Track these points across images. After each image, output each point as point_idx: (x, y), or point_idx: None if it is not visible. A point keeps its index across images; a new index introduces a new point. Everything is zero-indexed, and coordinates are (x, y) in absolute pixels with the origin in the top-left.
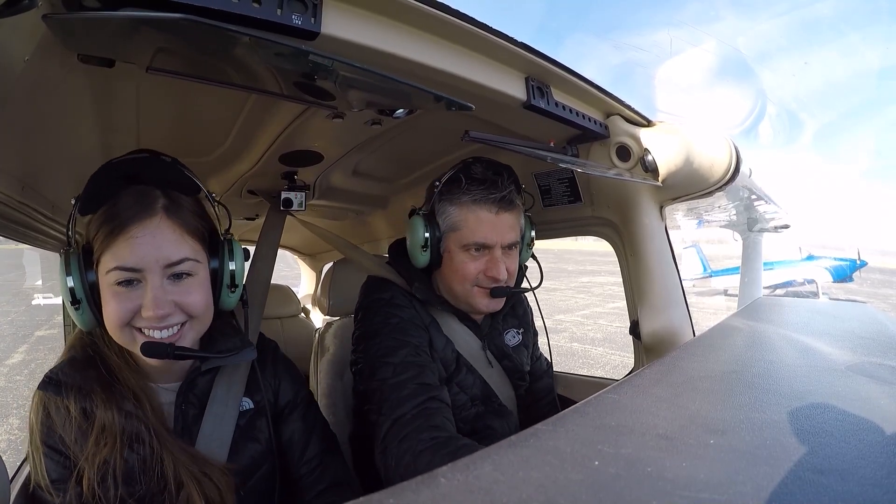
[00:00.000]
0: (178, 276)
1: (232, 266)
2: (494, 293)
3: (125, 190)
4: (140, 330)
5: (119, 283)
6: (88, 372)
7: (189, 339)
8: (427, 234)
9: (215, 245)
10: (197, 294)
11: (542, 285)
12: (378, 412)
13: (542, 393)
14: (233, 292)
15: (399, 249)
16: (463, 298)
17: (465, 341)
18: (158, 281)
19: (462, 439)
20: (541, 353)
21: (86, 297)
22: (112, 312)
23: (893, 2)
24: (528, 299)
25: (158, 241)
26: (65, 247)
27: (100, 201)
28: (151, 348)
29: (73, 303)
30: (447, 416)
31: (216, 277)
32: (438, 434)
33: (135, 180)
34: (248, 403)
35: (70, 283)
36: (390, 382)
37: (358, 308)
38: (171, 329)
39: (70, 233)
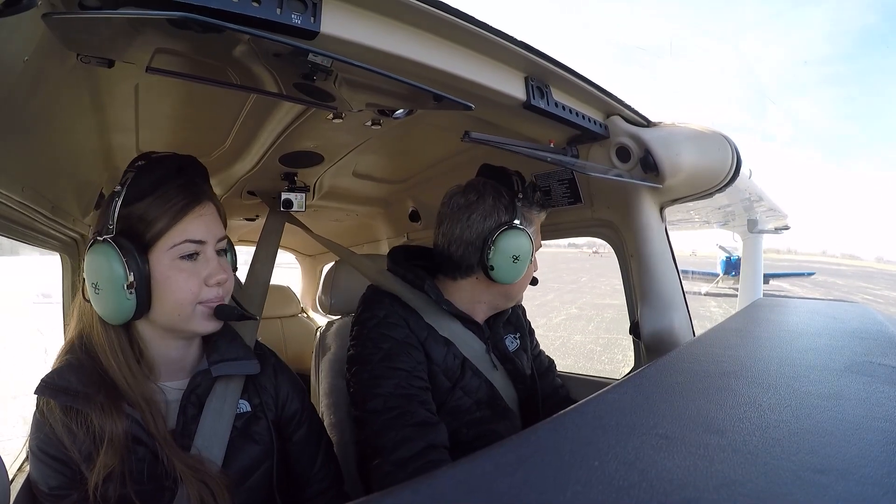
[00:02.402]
0: (219, 252)
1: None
2: (533, 282)
3: (177, 179)
4: (200, 304)
5: (182, 258)
6: (85, 376)
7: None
8: (530, 245)
9: None
10: (230, 272)
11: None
12: (372, 446)
13: (548, 390)
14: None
15: (403, 254)
16: (520, 297)
17: (469, 344)
18: (214, 253)
19: None
20: (541, 350)
21: (139, 283)
22: (181, 286)
23: None
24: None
25: (213, 219)
26: (101, 235)
27: (154, 188)
28: (224, 309)
29: (128, 287)
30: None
31: None
32: None
33: (182, 172)
34: (245, 406)
35: (127, 269)
36: (383, 417)
37: (354, 321)
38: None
39: (112, 222)
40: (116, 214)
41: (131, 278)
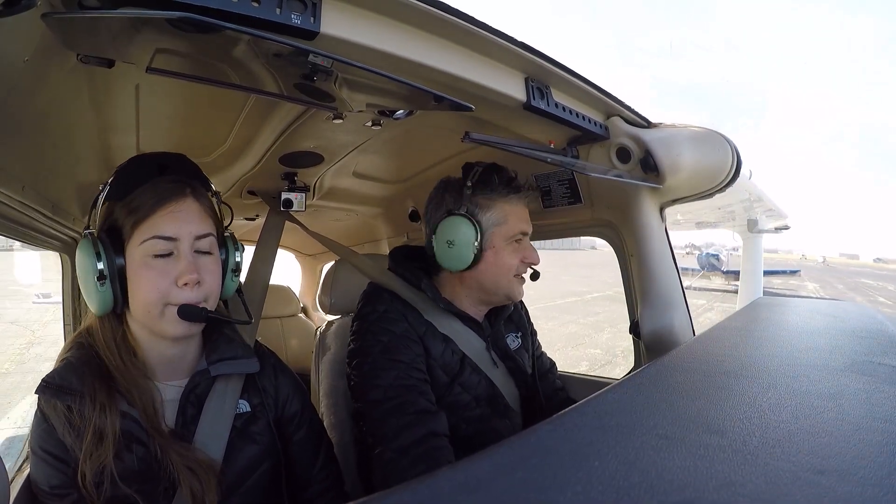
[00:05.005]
0: (200, 253)
1: (237, 257)
2: (534, 277)
3: (156, 176)
4: (170, 305)
5: (154, 256)
6: (84, 374)
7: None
8: (477, 231)
9: (221, 238)
10: (215, 272)
11: None
12: (373, 435)
13: (548, 391)
14: (235, 277)
15: (403, 254)
16: (504, 291)
17: (469, 341)
18: (189, 251)
19: None
20: (543, 352)
21: (111, 275)
22: (148, 284)
23: None
24: (523, 304)
25: (191, 216)
26: (86, 230)
27: (133, 186)
28: (187, 310)
29: (99, 278)
30: (450, 458)
31: (223, 266)
32: None
33: (165, 171)
34: (244, 406)
35: (98, 261)
36: (384, 407)
37: (355, 317)
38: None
39: (95, 218)
40: (98, 211)
41: (100, 268)
